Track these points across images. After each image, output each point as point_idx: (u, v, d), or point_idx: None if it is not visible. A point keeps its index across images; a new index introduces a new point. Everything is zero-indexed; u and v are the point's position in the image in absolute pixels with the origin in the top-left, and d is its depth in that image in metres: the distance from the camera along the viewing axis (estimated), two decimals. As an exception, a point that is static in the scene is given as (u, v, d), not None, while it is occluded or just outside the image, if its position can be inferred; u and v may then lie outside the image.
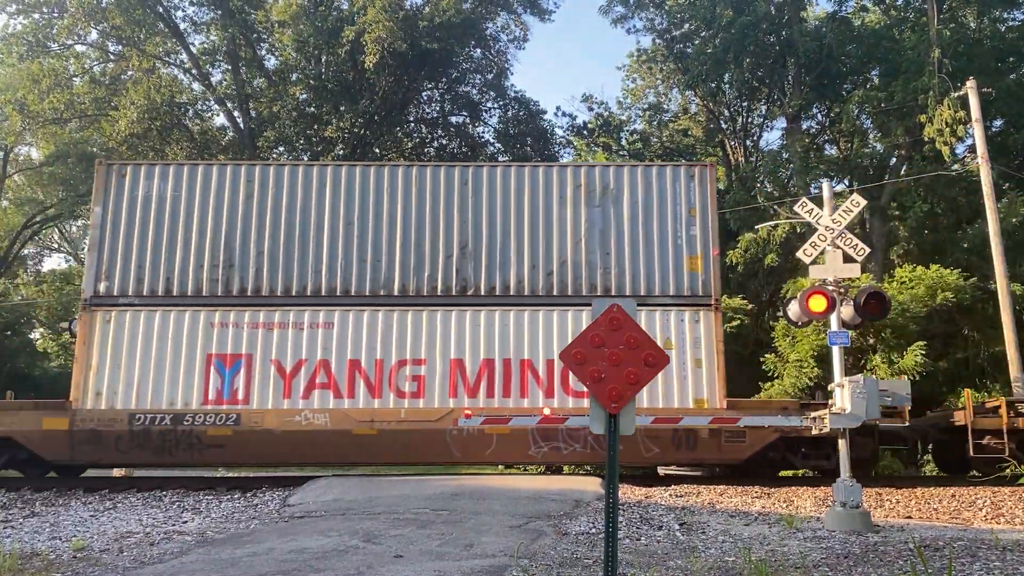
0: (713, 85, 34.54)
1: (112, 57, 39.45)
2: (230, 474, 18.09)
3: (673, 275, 15.08)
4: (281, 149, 39.59)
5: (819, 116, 35.16)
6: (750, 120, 38.10)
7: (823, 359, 20.40)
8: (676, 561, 7.52)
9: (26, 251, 50.76)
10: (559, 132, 39.64)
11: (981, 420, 14.57)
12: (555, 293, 15.05)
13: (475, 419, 13.85)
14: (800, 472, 17.74)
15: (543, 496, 11.60)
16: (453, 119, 38.73)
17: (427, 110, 39.33)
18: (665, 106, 41.46)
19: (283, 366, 14.66)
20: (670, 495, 12.44)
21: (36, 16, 37.31)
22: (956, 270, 23.05)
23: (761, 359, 23.56)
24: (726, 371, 14.93)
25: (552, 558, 7.58)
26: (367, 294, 15.04)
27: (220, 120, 39.72)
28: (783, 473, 17.62)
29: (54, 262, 74.48)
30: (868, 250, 11.24)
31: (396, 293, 15.04)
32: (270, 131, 37.47)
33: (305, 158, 38.54)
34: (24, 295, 48.13)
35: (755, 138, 38.36)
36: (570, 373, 9.48)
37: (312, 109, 35.54)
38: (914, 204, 27.41)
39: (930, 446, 16.84)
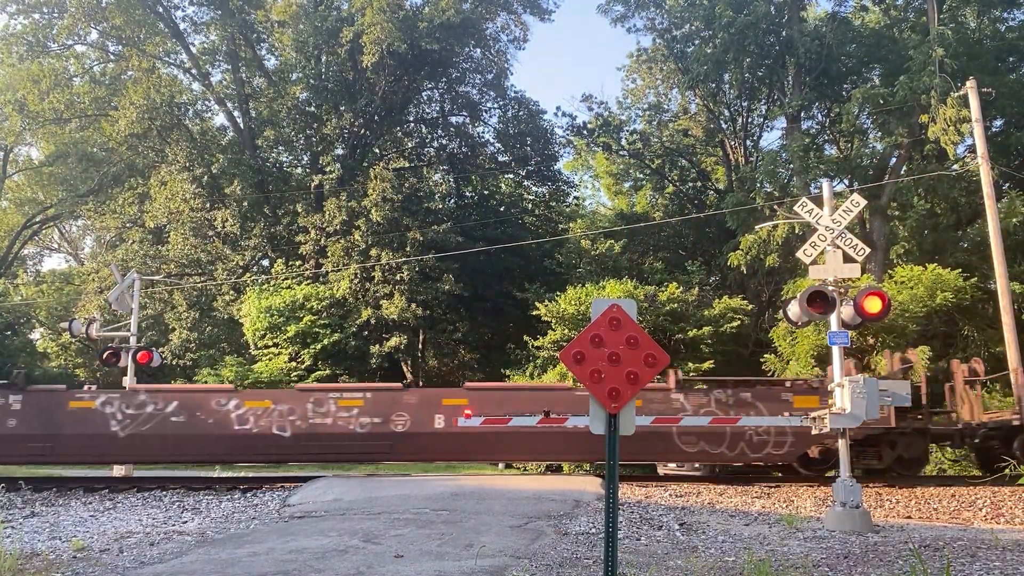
0: (713, 85, 34.53)
1: (112, 57, 39.48)
2: (230, 474, 18.07)
3: None
4: (281, 149, 39.63)
5: (819, 116, 35.16)
6: (750, 120, 38.11)
7: (823, 359, 20.40)
8: (676, 561, 7.52)
9: (26, 251, 50.78)
10: (559, 132, 39.72)
11: None
12: None
13: (475, 419, 13.89)
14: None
15: (543, 496, 11.59)
16: (453, 119, 38.78)
17: (427, 110, 39.38)
18: (665, 106, 41.51)
19: None
20: (670, 495, 12.44)
21: (36, 16, 37.33)
22: (956, 270, 23.02)
23: (761, 359, 23.56)
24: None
25: (552, 558, 7.58)
26: None
27: (220, 120, 39.79)
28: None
29: (54, 262, 74.62)
30: (868, 250, 11.22)
31: None
32: (270, 131, 37.49)
33: (305, 158, 38.59)
34: (24, 295, 48.12)
35: (755, 138, 38.41)
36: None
37: (312, 109, 35.57)
38: (914, 204, 27.39)
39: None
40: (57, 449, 14.69)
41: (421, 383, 34.02)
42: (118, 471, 19.01)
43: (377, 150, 37.13)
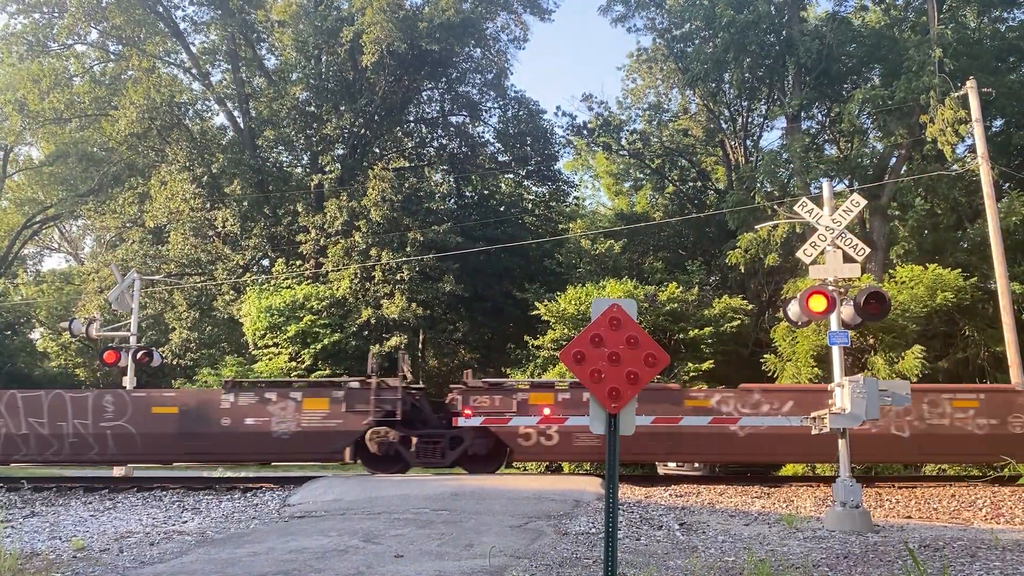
0: (713, 85, 34.50)
1: (112, 57, 39.48)
2: (229, 474, 18.07)
3: None
4: (281, 149, 39.62)
5: (819, 116, 35.16)
6: (750, 120, 38.09)
7: (822, 359, 20.39)
8: (676, 561, 7.52)
9: (26, 251, 50.79)
10: (559, 132, 39.71)
11: None
12: None
13: (475, 418, 13.91)
14: (800, 472, 17.75)
15: (543, 496, 11.59)
16: (453, 119, 38.77)
17: (427, 110, 39.37)
18: (665, 106, 41.49)
19: None
20: (670, 495, 12.43)
21: (36, 16, 37.34)
22: (956, 270, 23.01)
23: (761, 359, 23.56)
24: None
25: (552, 558, 7.58)
26: None
27: (220, 120, 39.79)
28: (783, 472, 17.64)
29: (54, 262, 74.66)
30: (868, 250, 11.22)
31: None
32: (270, 131, 37.49)
33: (305, 158, 38.58)
34: (24, 295, 48.14)
35: (755, 138, 38.37)
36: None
37: (312, 109, 35.57)
38: (914, 204, 27.37)
39: None
40: (676, 448, 14.62)
41: (421, 383, 33.99)
42: (118, 471, 19.00)
43: (377, 150, 37.13)
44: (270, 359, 28.47)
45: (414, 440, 14.61)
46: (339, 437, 14.61)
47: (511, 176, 40.75)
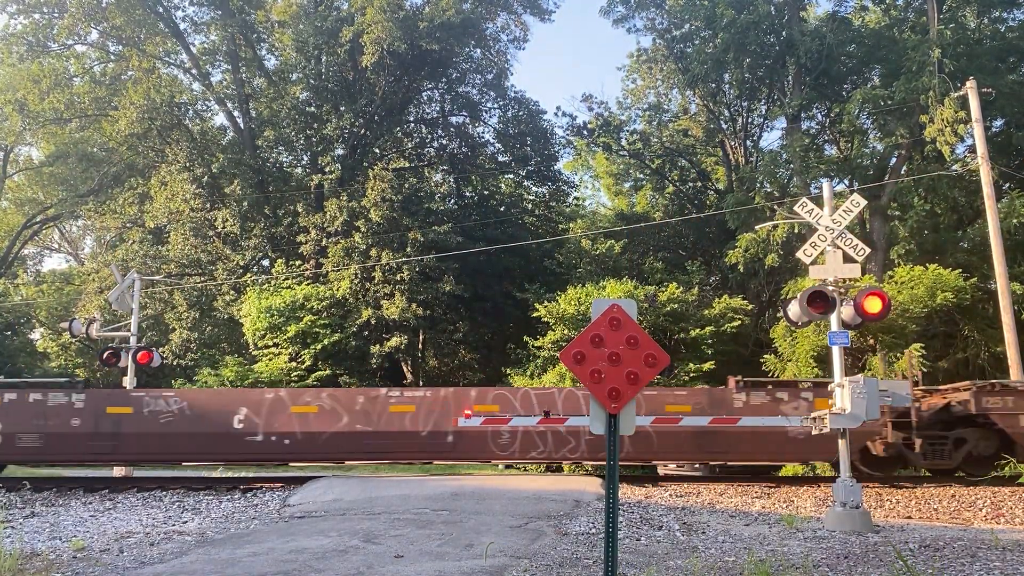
0: (713, 85, 34.53)
1: (112, 57, 39.48)
2: (230, 474, 18.06)
3: None
4: (281, 149, 39.62)
5: (819, 116, 35.18)
6: (750, 120, 38.11)
7: (822, 359, 20.40)
8: (676, 561, 7.52)
9: (26, 251, 50.78)
10: (559, 132, 39.72)
11: None
12: None
13: (475, 419, 13.88)
14: (800, 472, 17.75)
15: (543, 496, 11.59)
16: (453, 119, 38.77)
17: (427, 110, 39.37)
18: (665, 106, 41.53)
19: None
20: (670, 495, 12.43)
21: (36, 16, 37.34)
22: (956, 270, 23.02)
23: (761, 359, 23.57)
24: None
25: (552, 558, 7.58)
26: None
27: (220, 120, 39.80)
28: (783, 472, 17.64)
29: (54, 262, 74.69)
30: (868, 250, 11.21)
31: None
32: (270, 131, 37.48)
33: (305, 158, 38.58)
34: (24, 295, 48.13)
35: (755, 138, 38.40)
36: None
37: (312, 109, 35.56)
38: (914, 204, 27.41)
39: None
40: None
41: (421, 383, 34.05)
42: (118, 471, 18.99)
43: (377, 150, 37.13)
44: (270, 359, 28.47)
45: (918, 442, 14.15)
46: (855, 438, 13.62)
47: (511, 176, 40.76)
